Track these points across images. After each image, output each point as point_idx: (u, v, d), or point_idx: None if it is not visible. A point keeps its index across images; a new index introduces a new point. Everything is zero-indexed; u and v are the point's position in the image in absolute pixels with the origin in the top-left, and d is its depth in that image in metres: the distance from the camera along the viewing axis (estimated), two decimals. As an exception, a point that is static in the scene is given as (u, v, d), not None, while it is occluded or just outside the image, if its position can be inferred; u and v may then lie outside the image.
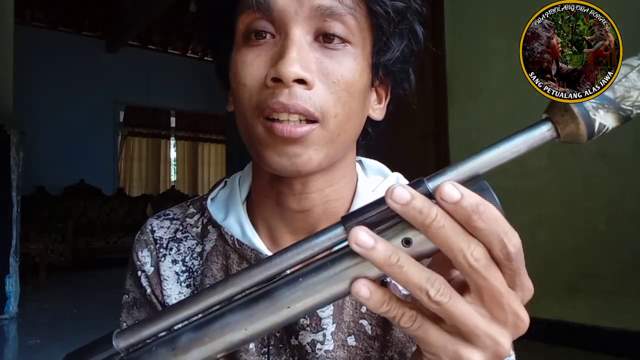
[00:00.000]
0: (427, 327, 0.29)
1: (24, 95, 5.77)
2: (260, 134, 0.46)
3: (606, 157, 2.80)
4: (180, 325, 0.33)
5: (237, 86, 0.47)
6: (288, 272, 0.32)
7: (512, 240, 0.28)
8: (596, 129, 0.28)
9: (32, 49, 6.69)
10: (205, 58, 8.44)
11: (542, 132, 0.29)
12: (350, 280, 0.30)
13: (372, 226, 0.29)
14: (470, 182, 0.30)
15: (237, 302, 0.32)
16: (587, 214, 2.87)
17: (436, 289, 0.28)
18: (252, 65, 0.46)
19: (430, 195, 0.29)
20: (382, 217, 0.29)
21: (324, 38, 0.46)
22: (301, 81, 0.43)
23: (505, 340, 0.29)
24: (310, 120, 0.45)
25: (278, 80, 0.43)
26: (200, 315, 0.33)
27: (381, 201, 0.29)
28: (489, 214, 0.28)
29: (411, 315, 0.29)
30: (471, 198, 0.28)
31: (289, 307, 0.31)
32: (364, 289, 0.29)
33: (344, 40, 0.46)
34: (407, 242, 0.29)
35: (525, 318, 0.29)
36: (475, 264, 0.28)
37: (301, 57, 0.44)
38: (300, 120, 0.44)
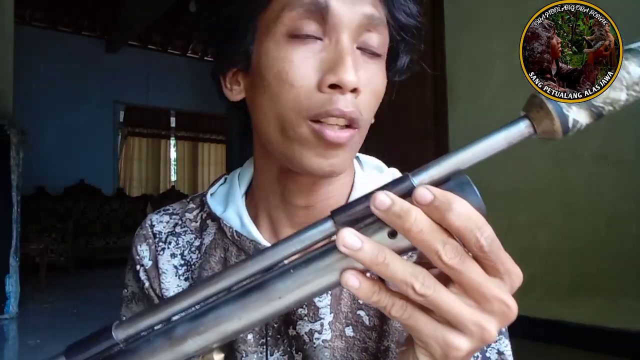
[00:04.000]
0: (417, 316, 0.31)
1: (24, 95, 5.77)
2: (304, 135, 0.46)
3: (607, 158, 2.80)
4: (177, 317, 0.34)
5: (279, 83, 0.46)
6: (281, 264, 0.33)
7: (485, 234, 0.29)
8: (570, 124, 0.29)
9: (32, 49, 6.69)
10: (205, 58, 8.44)
11: (521, 128, 0.30)
12: (340, 271, 0.31)
13: (360, 220, 0.31)
14: (453, 177, 0.31)
15: (232, 293, 0.33)
16: (588, 215, 2.87)
17: (420, 282, 0.29)
18: (301, 67, 0.46)
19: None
20: (369, 210, 0.30)
21: (362, 49, 0.48)
22: (354, 89, 0.45)
23: (490, 326, 0.30)
24: (351, 125, 0.46)
25: (336, 87, 0.45)
26: (196, 307, 0.34)
27: (369, 196, 0.31)
28: (462, 211, 0.29)
29: (401, 305, 0.31)
30: (444, 198, 0.29)
31: (280, 298, 0.32)
32: (353, 279, 0.30)
33: (376, 54, 0.48)
34: (392, 234, 0.31)
35: (511, 304, 0.30)
36: (450, 262, 0.29)
37: (354, 65, 0.45)
38: (344, 126, 0.46)
